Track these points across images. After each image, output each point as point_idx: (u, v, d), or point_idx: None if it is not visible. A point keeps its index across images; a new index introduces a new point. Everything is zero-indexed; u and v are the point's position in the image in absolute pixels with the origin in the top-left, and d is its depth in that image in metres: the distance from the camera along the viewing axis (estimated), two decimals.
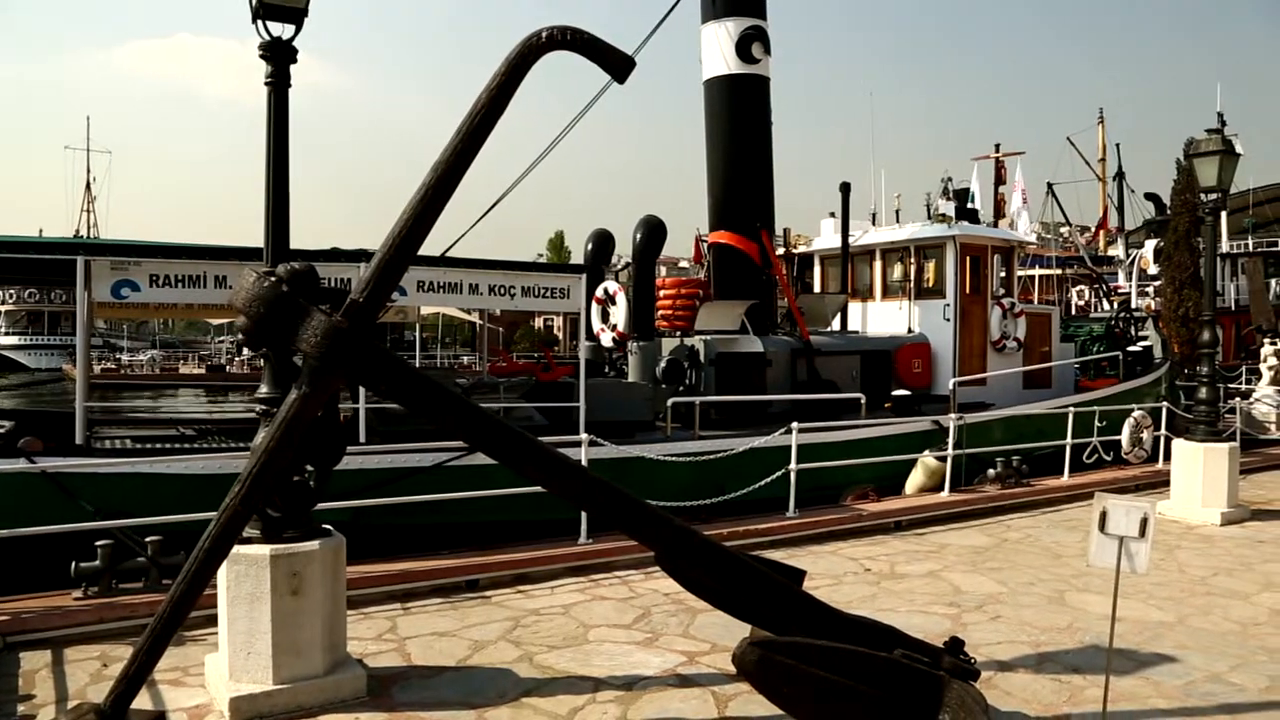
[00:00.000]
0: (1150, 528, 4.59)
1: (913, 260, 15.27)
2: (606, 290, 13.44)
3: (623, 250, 14.93)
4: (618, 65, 4.45)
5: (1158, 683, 5.52)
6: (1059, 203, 46.68)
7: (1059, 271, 39.05)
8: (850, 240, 15.71)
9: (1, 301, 58.82)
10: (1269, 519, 10.76)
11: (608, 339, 13.43)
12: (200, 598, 4.33)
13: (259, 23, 5.35)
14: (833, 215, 16.47)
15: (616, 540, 7.96)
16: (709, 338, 12.70)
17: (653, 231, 12.76)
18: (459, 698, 5.17)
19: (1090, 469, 13.50)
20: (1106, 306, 28.05)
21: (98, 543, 6.38)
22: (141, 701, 4.60)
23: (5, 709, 4.92)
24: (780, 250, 16.20)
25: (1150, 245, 33.03)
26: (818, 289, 16.90)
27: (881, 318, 15.80)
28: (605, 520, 4.98)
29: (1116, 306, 23.85)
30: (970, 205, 16.97)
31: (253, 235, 6.22)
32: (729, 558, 4.66)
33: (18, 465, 7.56)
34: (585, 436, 8.46)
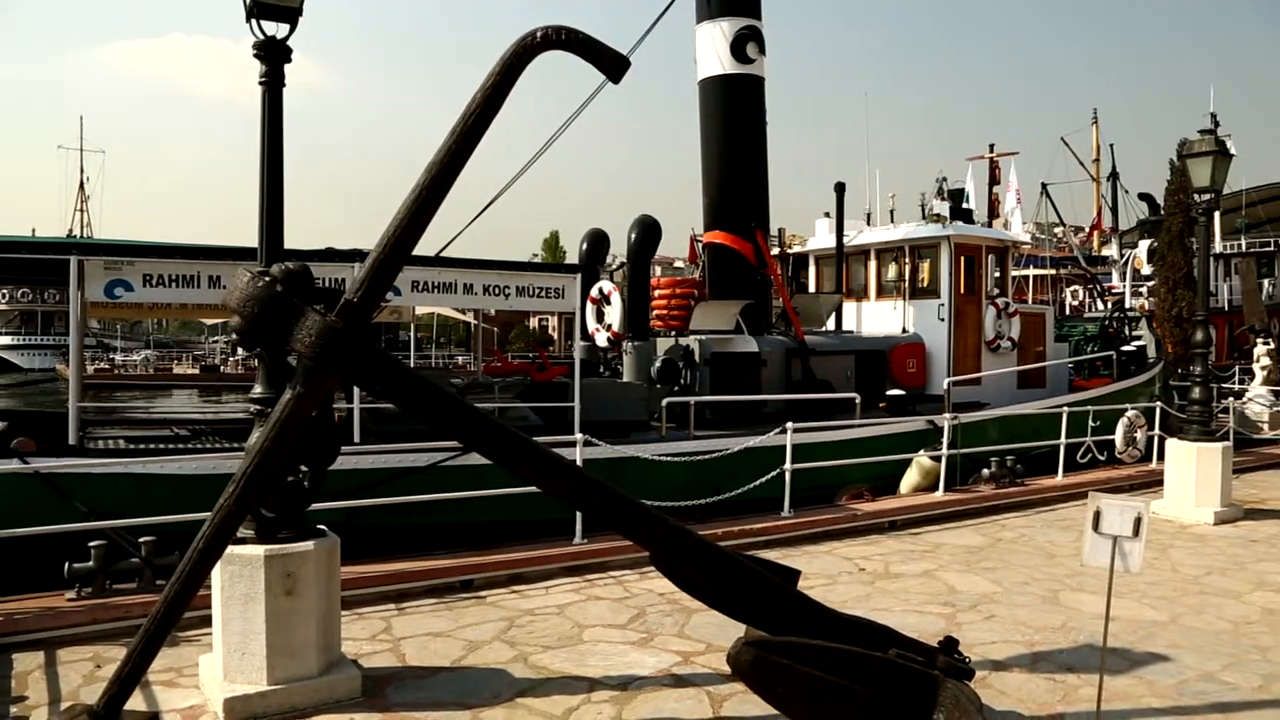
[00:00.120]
0: (1144, 527, 4.61)
1: (907, 260, 15.28)
2: (601, 290, 13.44)
3: (618, 250, 14.96)
4: (613, 65, 4.45)
5: (1151, 682, 5.53)
6: (1053, 203, 46.86)
7: (1053, 271, 39.18)
8: (845, 240, 15.72)
9: None
10: (1262, 518, 10.80)
11: (603, 339, 13.43)
12: (194, 598, 4.33)
13: (253, 22, 5.34)
14: (828, 215, 16.49)
15: (611, 540, 7.97)
16: (704, 338, 12.70)
17: (647, 231, 12.77)
18: (454, 698, 5.17)
19: (1084, 469, 13.55)
20: (1100, 306, 28.18)
21: (91, 543, 6.38)
22: (135, 703, 4.60)
23: None
24: (775, 250, 16.20)
25: (1144, 245, 33.07)
26: (813, 289, 16.92)
27: (876, 317, 15.82)
28: (600, 520, 4.99)
29: (1110, 306, 23.93)
30: (965, 205, 16.99)
31: (247, 235, 6.21)
32: (724, 557, 4.66)
33: (11, 466, 7.53)
34: (580, 436, 8.46)
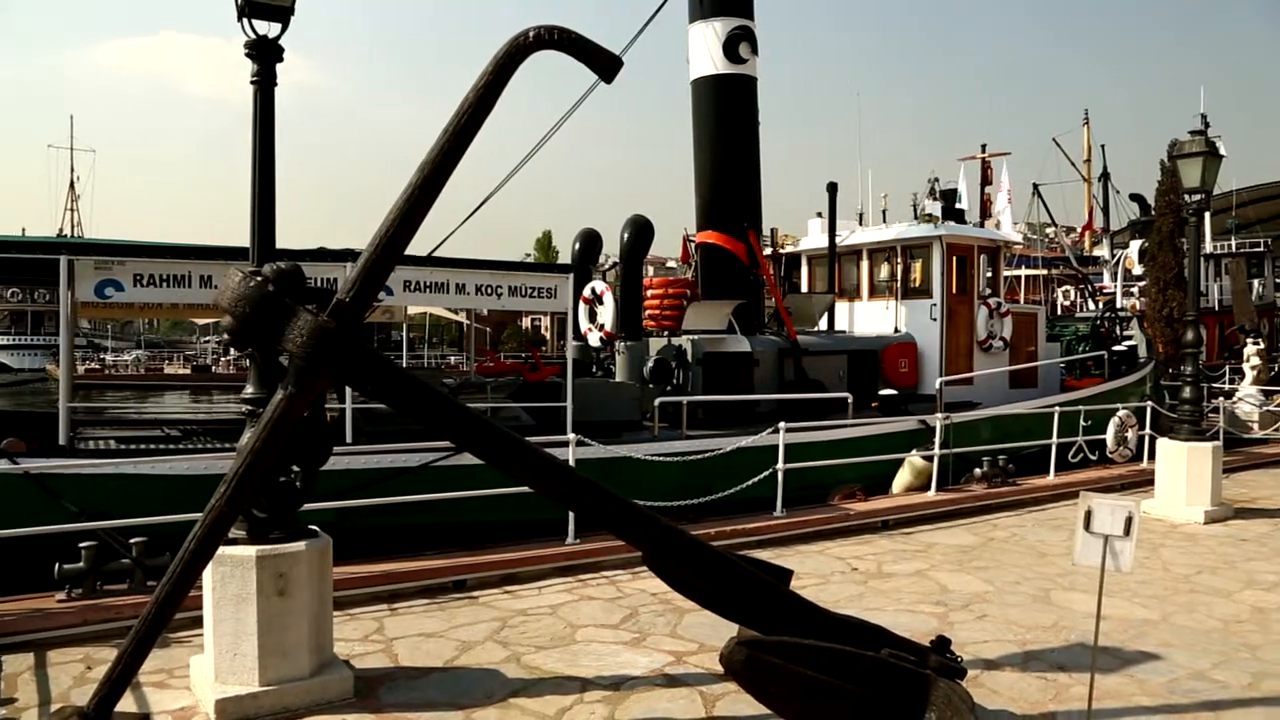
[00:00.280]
0: (1135, 526, 4.62)
1: (899, 260, 15.32)
2: (594, 290, 13.44)
3: (610, 250, 14.95)
4: (605, 65, 4.44)
5: (1142, 680, 5.55)
6: (1045, 203, 46.98)
7: (1045, 272, 39.26)
8: (837, 240, 15.75)
9: None
10: (1252, 517, 10.84)
11: (595, 339, 13.43)
12: (185, 599, 4.31)
13: (245, 21, 5.33)
14: (820, 215, 16.53)
15: (604, 540, 7.96)
16: (696, 337, 12.71)
17: (640, 231, 12.78)
18: (446, 698, 5.16)
19: (1076, 468, 13.58)
20: (1092, 306, 28.26)
21: (81, 544, 6.34)
22: (126, 704, 4.57)
23: None
24: (768, 250, 16.24)
25: (1135, 246, 33.22)
26: (805, 289, 16.95)
27: (868, 317, 15.86)
28: (592, 520, 4.98)
29: (1102, 306, 24.03)
30: (958, 206, 17.04)
31: (238, 235, 6.19)
32: (716, 557, 4.66)
33: (1, 466, 7.50)
34: (572, 436, 8.45)
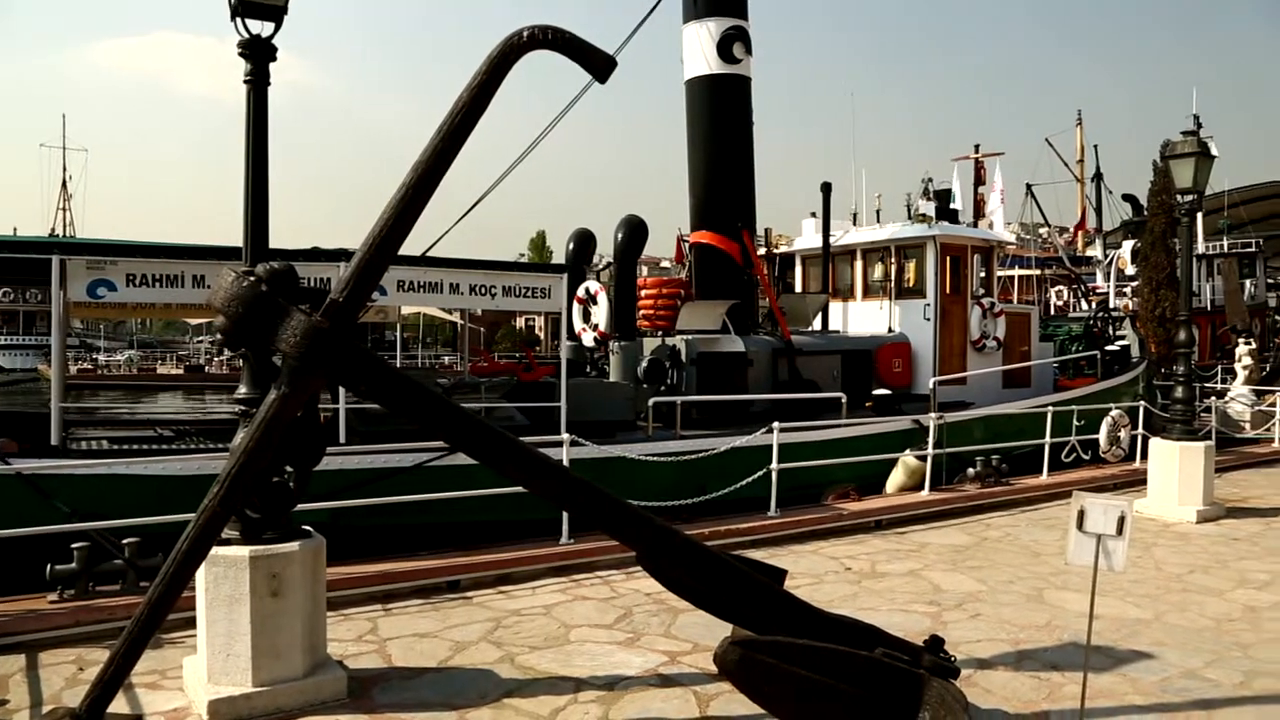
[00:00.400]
0: (1127, 526, 4.64)
1: (893, 260, 15.34)
2: (588, 290, 13.43)
3: (604, 250, 14.92)
4: (599, 65, 4.44)
5: (1135, 679, 5.57)
6: (1038, 203, 46.95)
7: (1038, 272, 39.31)
8: (831, 240, 15.77)
9: None
10: (1244, 516, 10.89)
11: (589, 339, 13.42)
12: (178, 600, 4.30)
13: (238, 20, 5.32)
14: (814, 215, 16.53)
15: (598, 540, 7.96)
16: (690, 337, 12.71)
17: (634, 231, 12.78)
18: (440, 699, 5.16)
19: (1069, 468, 13.63)
20: (1085, 306, 28.34)
21: (74, 545, 6.33)
22: (118, 705, 4.56)
23: None
24: (761, 250, 16.24)
25: (1128, 246, 33.24)
26: (799, 289, 16.95)
27: (862, 317, 15.87)
28: (587, 520, 4.98)
29: (1094, 306, 24.08)
30: (952, 206, 17.07)
31: (231, 234, 6.18)
32: (710, 557, 4.66)
33: None
34: (567, 436, 8.45)
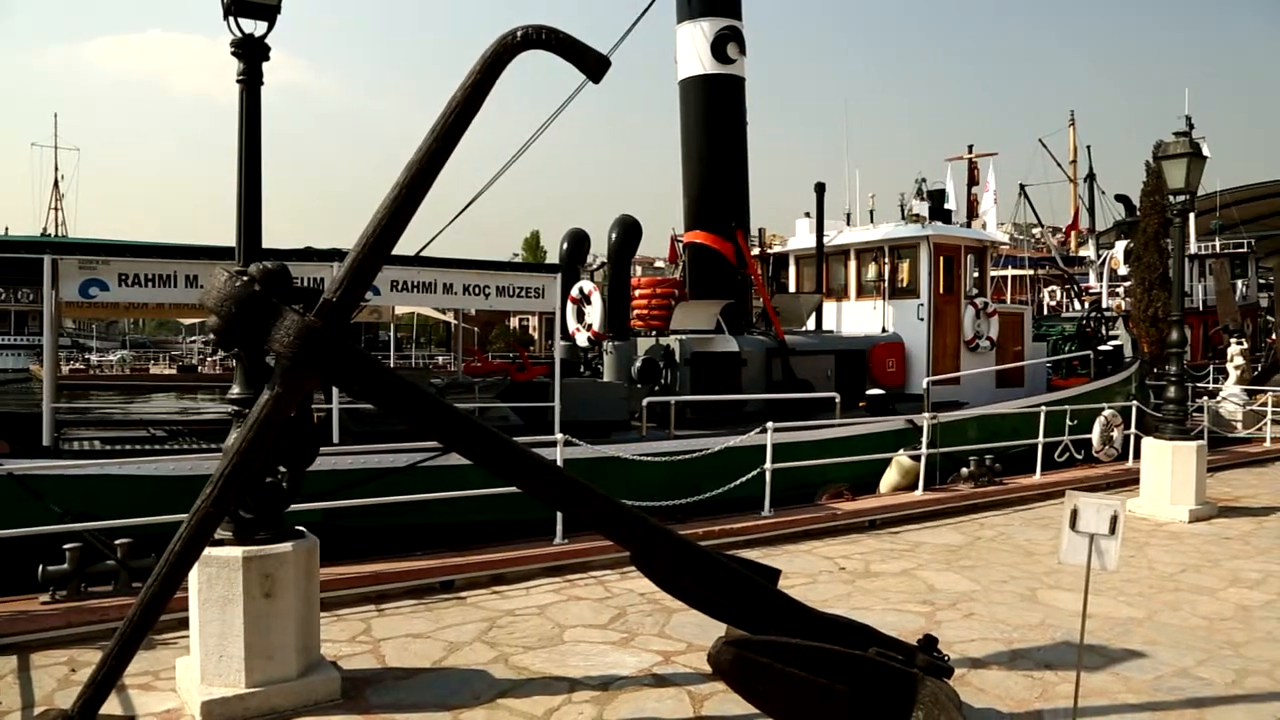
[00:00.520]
0: (1120, 525, 4.65)
1: (887, 260, 15.37)
2: (582, 290, 13.42)
3: (598, 250, 14.96)
4: (593, 65, 4.43)
5: (1128, 678, 5.59)
6: (1031, 204, 47.12)
7: (1031, 272, 39.42)
8: (825, 240, 15.79)
9: None
10: (1235, 516, 10.93)
11: (583, 339, 13.42)
12: (171, 601, 4.28)
13: (231, 19, 5.31)
14: (808, 215, 16.54)
15: (592, 540, 7.96)
16: (684, 337, 12.72)
17: (628, 231, 12.78)
18: (434, 699, 5.15)
19: (1062, 467, 13.65)
20: (1078, 306, 28.43)
21: (66, 546, 6.30)
22: (111, 707, 4.54)
23: None
24: (755, 250, 16.25)
25: (1120, 246, 33.38)
26: (793, 289, 16.97)
27: (856, 317, 15.90)
28: (581, 520, 4.98)
29: (1087, 306, 24.18)
30: (946, 206, 17.11)
31: (224, 234, 6.17)
32: (704, 557, 4.66)
33: None
34: (560, 436, 8.44)
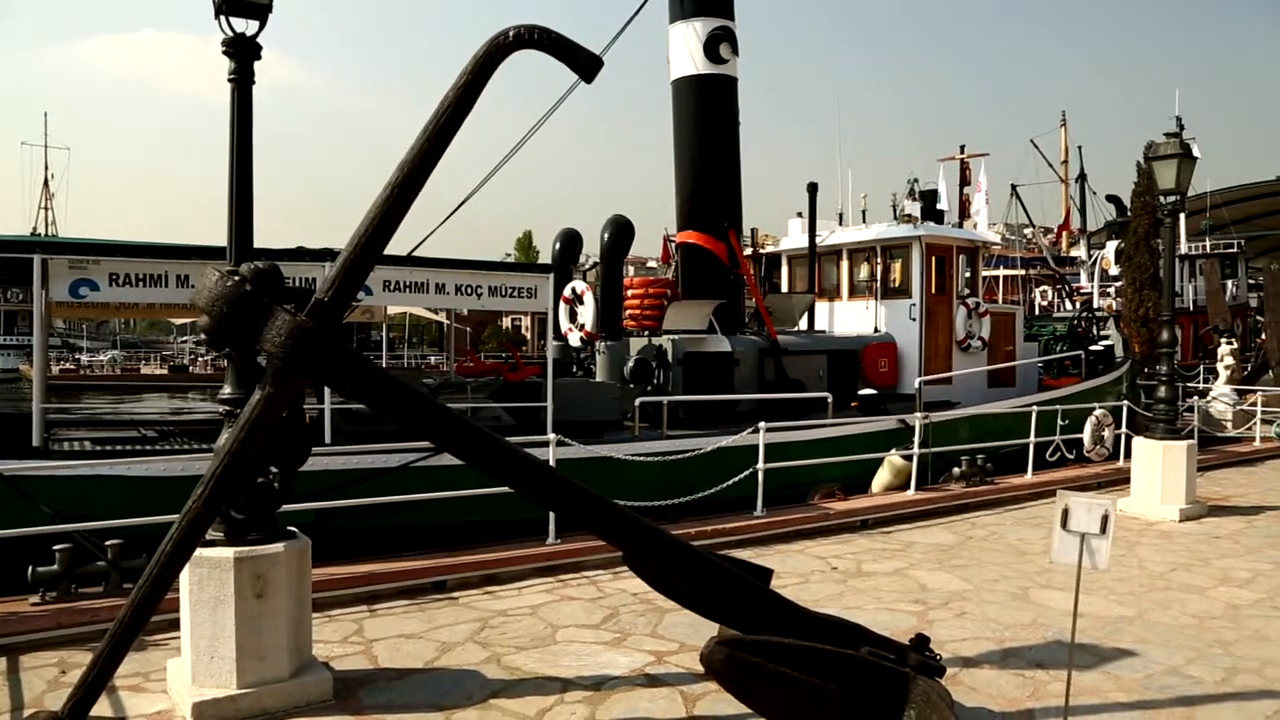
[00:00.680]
0: (1111, 524, 4.66)
1: (879, 260, 15.39)
2: (574, 290, 13.42)
3: (590, 250, 14.93)
4: (585, 65, 4.43)
5: (1118, 677, 5.61)
6: (1023, 204, 47.25)
7: (1023, 272, 39.53)
8: (817, 240, 15.81)
9: None
10: (1225, 515, 10.98)
11: (575, 339, 13.41)
12: (162, 602, 4.26)
13: (222, 18, 5.29)
14: (800, 215, 16.58)
15: (585, 540, 7.95)
16: (677, 337, 12.72)
17: (620, 231, 12.78)
18: (426, 700, 5.14)
19: (1053, 467, 13.71)
20: (1069, 306, 28.49)
21: (56, 546, 6.28)
22: (101, 708, 4.52)
23: None
24: (748, 250, 16.28)
25: (1111, 246, 33.48)
26: (785, 289, 16.99)
27: (848, 317, 15.92)
28: (573, 520, 4.97)
29: (1079, 306, 24.22)
30: (938, 206, 17.15)
31: (216, 234, 6.15)
32: (697, 557, 4.66)
33: None
34: (553, 436, 8.44)
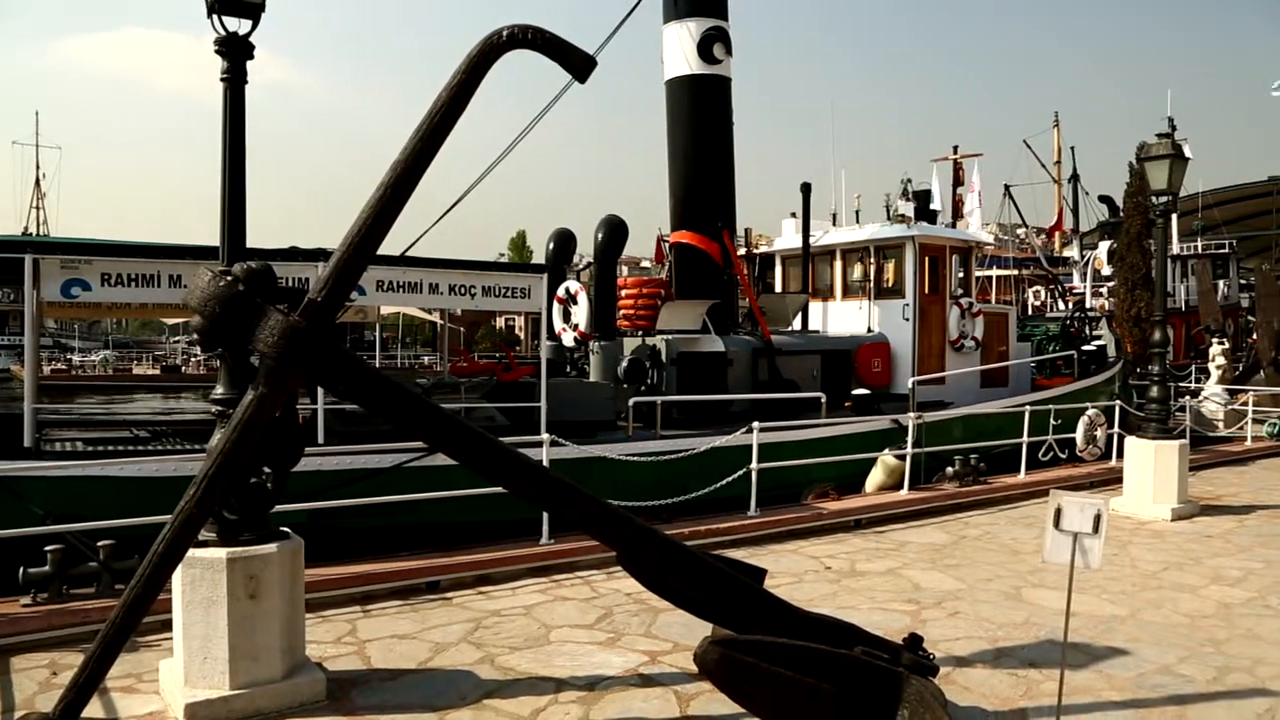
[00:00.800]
0: (1103, 524, 4.67)
1: (872, 260, 15.42)
2: (568, 290, 13.41)
3: (584, 250, 14.93)
4: (579, 65, 4.44)
5: (1111, 676, 5.63)
6: (1016, 204, 47.31)
7: (1016, 272, 39.62)
8: (811, 240, 15.83)
9: None
10: (1217, 514, 11.02)
11: (569, 339, 13.40)
12: (154, 602, 4.26)
13: (215, 17, 5.27)
14: (794, 215, 16.60)
15: (578, 540, 7.96)
16: (670, 337, 12.72)
17: (614, 231, 12.78)
18: (420, 700, 5.13)
19: (1046, 466, 13.74)
20: (1062, 307, 28.60)
21: (47, 547, 6.26)
22: (93, 710, 4.52)
23: None
24: (741, 250, 16.28)
25: (1104, 247, 33.57)
26: (779, 289, 17.01)
27: (842, 317, 15.95)
28: (566, 520, 4.97)
29: (1071, 307, 24.33)
30: (932, 207, 17.18)
31: (209, 233, 6.13)
32: (691, 557, 4.67)
33: None
34: (547, 436, 8.44)
